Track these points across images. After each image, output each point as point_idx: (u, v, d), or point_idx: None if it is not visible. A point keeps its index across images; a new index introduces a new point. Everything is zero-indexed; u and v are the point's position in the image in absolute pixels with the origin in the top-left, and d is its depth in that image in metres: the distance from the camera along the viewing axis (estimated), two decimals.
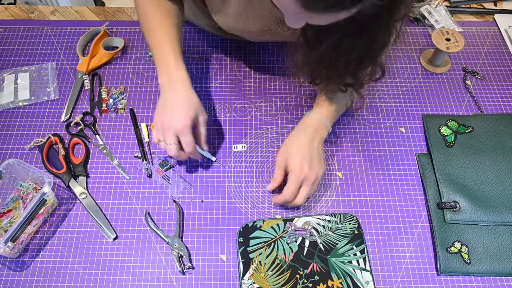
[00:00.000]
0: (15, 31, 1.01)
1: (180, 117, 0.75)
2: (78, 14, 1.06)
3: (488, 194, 0.80)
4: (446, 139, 0.87)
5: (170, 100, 0.77)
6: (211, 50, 1.00)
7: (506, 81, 0.98)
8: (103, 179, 0.83)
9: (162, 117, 0.76)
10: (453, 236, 0.77)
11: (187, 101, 0.76)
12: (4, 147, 0.86)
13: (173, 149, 0.76)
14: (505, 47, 1.03)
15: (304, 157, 0.75)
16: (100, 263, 0.75)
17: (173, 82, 0.78)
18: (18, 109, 0.91)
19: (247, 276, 0.74)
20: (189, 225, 0.79)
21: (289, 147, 0.78)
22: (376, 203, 0.82)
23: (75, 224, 0.79)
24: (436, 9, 1.06)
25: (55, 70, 0.96)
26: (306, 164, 0.75)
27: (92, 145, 0.87)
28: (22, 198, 0.78)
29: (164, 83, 0.78)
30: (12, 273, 0.74)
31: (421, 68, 1.00)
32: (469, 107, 0.94)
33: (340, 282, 0.73)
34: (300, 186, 0.76)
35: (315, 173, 0.76)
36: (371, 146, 0.88)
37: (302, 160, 0.75)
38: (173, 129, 0.75)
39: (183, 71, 0.78)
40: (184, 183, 0.83)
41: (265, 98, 0.94)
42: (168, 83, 0.78)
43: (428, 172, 0.84)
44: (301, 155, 0.76)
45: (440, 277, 0.76)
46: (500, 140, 0.87)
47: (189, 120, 0.75)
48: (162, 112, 0.77)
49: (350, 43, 0.60)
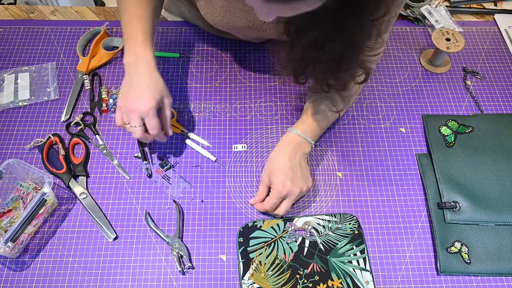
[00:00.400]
0: (15, 31, 1.02)
1: (145, 100, 0.74)
2: (78, 14, 1.06)
3: (488, 194, 0.80)
4: (446, 139, 0.87)
5: (134, 82, 0.75)
6: (211, 50, 1.00)
7: (506, 81, 0.98)
8: (103, 179, 0.83)
9: (127, 99, 0.75)
10: (453, 236, 0.77)
11: (152, 83, 0.75)
12: (4, 147, 0.86)
13: (138, 131, 0.75)
14: (505, 47, 1.03)
15: (286, 174, 0.75)
16: (100, 263, 0.75)
17: (138, 62, 0.76)
18: (18, 109, 0.91)
19: (247, 276, 0.74)
20: (189, 225, 0.79)
21: (271, 164, 0.78)
22: (376, 203, 0.82)
23: (75, 224, 0.79)
24: (436, 9, 1.06)
25: (55, 70, 0.96)
26: (288, 181, 0.75)
27: (92, 145, 0.87)
28: (22, 198, 0.78)
29: (129, 63, 0.77)
30: (12, 273, 0.74)
31: (421, 68, 1.00)
32: (469, 107, 0.94)
33: (340, 282, 0.73)
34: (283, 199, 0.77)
35: (298, 188, 0.76)
36: (371, 146, 0.88)
37: (284, 177, 0.75)
38: (138, 111, 0.74)
39: (149, 52, 0.77)
40: (184, 183, 0.83)
41: (265, 98, 0.94)
42: (133, 63, 0.76)
43: (428, 172, 0.84)
44: (283, 172, 0.76)
45: (440, 277, 0.76)
46: (500, 140, 0.87)
47: (154, 102, 0.74)
48: (126, 94, 0.75)
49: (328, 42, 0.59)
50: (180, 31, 1.03)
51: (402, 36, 1.04)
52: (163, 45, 1.00)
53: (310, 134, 0.80)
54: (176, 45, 1.01)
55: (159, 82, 0.77)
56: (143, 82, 0.75)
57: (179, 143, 0.88)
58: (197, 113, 0.92)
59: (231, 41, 1.01)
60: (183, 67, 0.98)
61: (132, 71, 0.76)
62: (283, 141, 0.80)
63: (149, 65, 0.76)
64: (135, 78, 0.76)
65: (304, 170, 0.78)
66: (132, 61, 0.77)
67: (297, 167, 0.77)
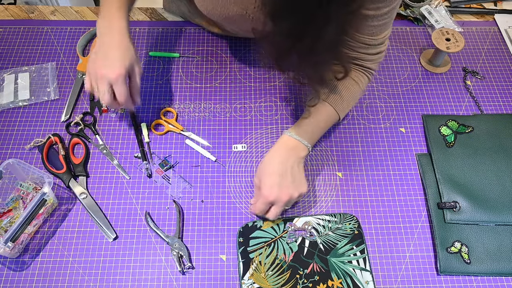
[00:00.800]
0: (15, 31, 1.02)
1: (114, 66, 0.73)
2: (78, 14, 1.06)
3: (488, 194, 0.80)
4: (446, 139, 0.87)
5: (105, 48, 0.75)
6: (211, 50, 1.00)
7: (506, 81, 0.98)
8: (103, 179, 0.83)
9: (96, 64, 0.74)
10: (453, 236, 0.77)
11: (122, 51, 0.75)
12: (4, 147, 0.86)
13: (106, 97, 0.75)
14: (505, 47, 1.03)
15: (274, 180, 0.73)
16: (100, 263, 0.75)
17: (112, 29, 0.76)
18: (18, 109, 0.91)
19: (247, 276, 0.74)
20: (189, 225, 0.79)
21: (262, 167, 0.75)
22: (376, 203, 0.82)
23: (75, 224, 0.79)
24: (436, 9, 1.06)
25: (55, 70, 0.96)
26: (275, 186, 0.72)
27: (92, 145, 0.87)
28: (22, 198, 0.78)
29: (102, 28, 0.77)
30: (12, 273, 0.74)
31: (421, 68, 1.00)
32: (469, 107, 0.94)
33: (340, 282, 0.73)
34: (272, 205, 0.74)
35: (287, 194, 0.73)
36: (371, 146, 0.88)
37: (272, 182, 0.73)
38: (106, 77, 0.73)
39: (123, 21, 0.76)
40: (184, 183, 0.83)
41: (265, 98, 0.94)
42: (106, 28, 0.76)
43: (428, 172, 0.84)
44: (272, 177, 0.73)
45: (440, 277, 0.76)
46: (500, 140, 0.87)
47: (124, 69, 0.74)
48: (96, 58, 0.75)
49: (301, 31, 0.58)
50: (180, 31, 1.03)
51: (402, 36, 1.04)
52: (163, 45, 1.00)
53: (306, 137, 0.77)
54: (176, 45, 1.01)
55: (130, 49, 0.76)
56: (113, 48, 0.74)
57: (179, 143, 0.88)
58: (197, 113, 0.92)
59: (231, 41, 1.01)
60: (183, 67, 0.98)
61: (104, 37, 0.76)
62: (278, 143, 0.78)
63: (121, 31, 0.75)
64: (106, 43, 0.75)
65: (297, 175, 0.75)
66: (105, 25, 0.76)
67: (288, 172, 0.74)
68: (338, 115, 0.80)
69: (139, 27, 1.03)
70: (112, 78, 0.73)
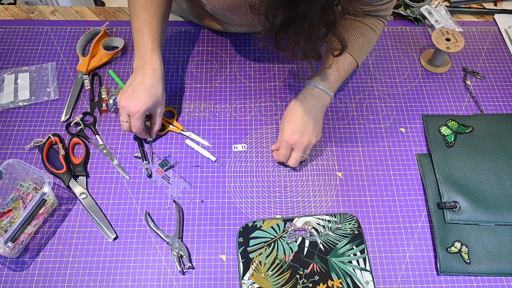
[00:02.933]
0: (15, 31, 1.02)
1: (136, 102, 0.79)
2: (78, 14, 1.06)
3: (488, 194, 0.80)
4: (446, 139, 0.87)
5: (135, 84, 0.80)
6: (211, 50, 1.00)
7: (506, 81, 0.98)
8: (103, 179, 0.83)
9: (123, 94, 0.80)
10: (453, 236, 0.77)
11: (149, 90, 0.80)
12: (4, 147, 0.86)
13: (124, 126, 0.82)
14: (505, 47, 1.03)
15: (297, 125, 0.79)
16: (100, 263, 0.75)
17: (145, 68, 0.81)
18: (18, 109, 0.91)
19: (247, 276, 0.74)
20: (189, 225, 0.79)
21: (287, 114, 0.81)
22: (376, 203, 0.82)
23: (75, 224, 0.79)
24: (436, 9, 1.06)
25: (55, 70, 0.96)
26: (297, 132, 0.79)
27: (92, 145, 0.87)
28: (22, 198, 0.78)
29: (137, 67, 0.82)
30: (12, 273, 0.74)
31: (421, 68, 1.00)
32: (469, 107, 0.94)
33: (340, 282, 0.73)
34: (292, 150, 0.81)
35: (306, 139, 0.79)
36: (371, 146, 0.88)
37: (294, 127, 0.79)
38: (127, 109, 0.79)
39: (156, 61, 0.82)
40: (184, 183, 0.83)
41: (265, 98, 0.94)
42: (140, 68, 0.81)
43: (428, 172, 0.84)
44: (295, 123, 0.79)
45: (440, 277, 0.76)
46: (500, 140, 0.87)
47: (144, 107, 0.79)
48: (126, 90, 0.81)
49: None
50: (180, 31, 1.03)
51: (402, 36, 1.04)
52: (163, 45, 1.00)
53: (329, 86, 0.82)
54: (176, 45, 1.01)
55: (158, 90, 0.81)
56: (142, 86, 0.80)
57: (179, 143, 0.88)
58: (197, 113, 0.92)
59: (231, 41, 1.01)
60: (183, 67, 0.98)
61: (138, 74, 0.81)
62: (303, 93, 0.82)
63: (155, 72, 0.81)
64: (138, 81, 0.80)
65: (318, 123, 0.81)
66: (140, 66, 0.82)
67: (311, 120, 0.80)
68: (357, 62, 0.85)
69: None
70: (130, 111, 0.79)
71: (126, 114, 0.80)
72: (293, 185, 0.84)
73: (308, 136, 0.79)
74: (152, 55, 0.82)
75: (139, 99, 0.79)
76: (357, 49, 0.83)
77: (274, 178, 0.85)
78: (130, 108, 0.79)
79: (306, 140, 0.79)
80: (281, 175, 0.85)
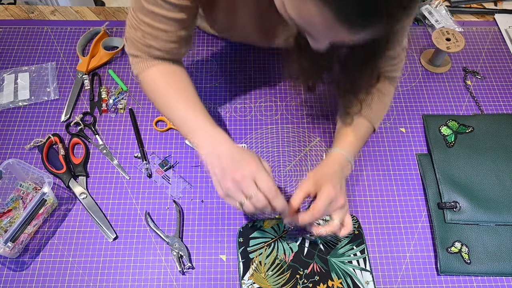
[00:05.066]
0: (15, 31, 1.01)
1: (249, 161, 0.63)
2: (78, 14, 1.06)
3: (488, 194, 0.80)
4: (446, 139, 0.87)
5: (225, 156, 0.64)
6: (211, 50, 1.00)
7: (506, 81, 0.98)
8: (103, 179, 0.83)
9: (226, 171, 0.63)
10: (453, 236, 0.77)
11: (242, 150, 0.66)
12: (4, 147, 0.86)
13: (261, 198, 0.61)
14: (505, 47, 1.03)
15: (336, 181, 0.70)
16: (100, 263, 0.75)
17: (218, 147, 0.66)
18: (18, 109, 0.91)
19: (247, 276, 0.74)
20: (189, 225, 0.79)
21: (319, 172, 0.72)
22: (376, 203, 0.82)
23: (75, 224, 0.79)
24: (436, 9, 1.06)
25: (55, 70, 0.96)
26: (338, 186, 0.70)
27: (92, 145, 0.87)
28: (22, 198, 0.78)
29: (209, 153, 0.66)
30: (12, 273, 0.74)
31: (421, 68, 1.00)
32: (469, 107, 0.94)
33: (340, 282, 0.73)
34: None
35: (343, 199, 0.70)
36: (371, 146, 0.88)
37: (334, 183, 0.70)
38: (248, 175, 0.62)
39: (222, 133, 0.68)
40: (184, 183, 0.83)
41: (265, 98, 0.94)
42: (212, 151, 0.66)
43: (428, 172, 0.84)
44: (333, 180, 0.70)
45: (440, 277, 0.76)
46: (501, 140, 0.86)
47: (257, 159, 0.64)
48: (223, 170, 0.63)
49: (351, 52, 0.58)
50: None
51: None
52: None
53: (352, 154, 0.76)
54: None
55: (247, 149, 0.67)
56: (234, 153, 0.65)
57: (179, 143, 0.88)
58: None
59: (231, 41, 1.01)
60: None
61: (214, 157, 0.65)
62: (329, 159, 0.74)
63: (230, 142, 0.67)
64: (223, 159, 0.64)
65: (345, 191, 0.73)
66: (211, 150, 0.66)
67: (343, 183, 0.73)
68: (373, 128, 0.79)
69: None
70: (253, 170, 0.62)
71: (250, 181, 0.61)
72: (293, 185, 0.84)
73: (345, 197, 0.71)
74: (215, 130, 0.68)
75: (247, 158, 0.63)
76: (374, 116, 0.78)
77: (274, 178, 0.84)
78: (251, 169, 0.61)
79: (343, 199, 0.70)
80: (281, 175, 0.85)
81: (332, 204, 0.69)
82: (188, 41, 0.75)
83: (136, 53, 0.73)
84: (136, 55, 0.73)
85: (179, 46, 0.73)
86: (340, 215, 0.71)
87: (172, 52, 0.72)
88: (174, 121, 0.73)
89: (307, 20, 0.49)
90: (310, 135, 0.89)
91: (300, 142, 0.88)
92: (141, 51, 0.72)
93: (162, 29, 0.68)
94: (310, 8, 0.46)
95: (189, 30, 0.72)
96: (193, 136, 0.69)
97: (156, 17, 0.66)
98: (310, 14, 0.47)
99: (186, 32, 0.72)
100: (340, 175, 0.72)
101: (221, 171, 0.63)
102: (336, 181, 0.71)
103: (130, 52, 0.74)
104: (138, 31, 0.69)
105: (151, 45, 0.70)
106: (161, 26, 0.68)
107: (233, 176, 0.62)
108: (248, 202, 0.62)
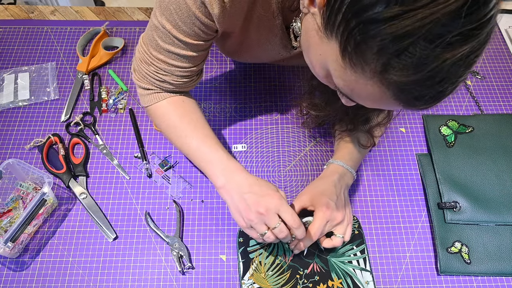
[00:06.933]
0: (15, 31, 1.01)
1: (270, 194, 0.65)
2: (78, 14, 1.06)
3: (488, 194, 0.80)
4: (447, 139, 0.87)
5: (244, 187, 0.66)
6: (211, 50, 1.00)
7: (506, 81, 0.98)
8: (103, 179, 0.83)
9: (249, 203, 0.65)
10: (453, 236, 0.77)
11: (261, 181, 0.68)
12: (4, 147, 0.86)
13: (283, 228, 0.65)
14: (505, 47, 1.03)
15: (331, 198, 0.70)
16: (100, 263, 0.75)
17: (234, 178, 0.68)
18: (18, 109, 0.91)
19: (247, 276, 0.74)
20: (189, 225, 0.79)
21: (314, 188, 0.73)
22: (376, 203, 0.82)
23: (75, 224, 0.79)
24: None
25: (55, 70, 0.96)
26: (332, 203, 0.70)
27: (92, 145, 0.87)
28: (22, 198, 0.78)
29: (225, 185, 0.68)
30: (12, 273, 0.74)
31: None
32: (469, 107, 0.94)
33: (340, 282, 0.73)
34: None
35: (342, 214, 0.70)
36: None
37: (328, 200, 0.70)
38: (273, 207, 0.64)
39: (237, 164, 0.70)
40: (184, 183, 0.83)
41: (265, 98, 0.94)
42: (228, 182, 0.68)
43: (428, 172, 0.84)
44: (328, 196, 0.70)
45: (440, 277, 0.76)
46: (501, 140, 0.86)
47: (278, 191, 0.67)
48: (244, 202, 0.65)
49: None
50: None
51: None
52: None
53: (352, 164, 0.77)
54: None
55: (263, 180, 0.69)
56: (252, 184, 0.67)
57: None
58: None
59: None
60: None
61: (233, 188, 0.67)
62: (327, 171, 0.76)
63: (245, 172, 0.69)
64: (244, 188, 0.67)
65: (347, 201, 0.74)
66: (226, 181, 0.68)
67: (342, 195, 0.73)
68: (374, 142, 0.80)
69: (139, 27, 1.03)
70: (277, 203, 0.64)
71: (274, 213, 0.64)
72: (293, 185, 0.84)
73: (343, 211, 0.71)
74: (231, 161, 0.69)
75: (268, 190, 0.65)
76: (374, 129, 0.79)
77: (274, 178, 0.85)
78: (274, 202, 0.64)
79: (342, 215, 0.70)
80: (281, 175, 0.85)
81: (328, 223, 0.70)
82: (200, 75, 0.76)
83: (147, 86, 0.73)
84: (147, 88, 0.73)
85: (191, 80, 0.73)
86: (341, 230, 0.71)
87: (184, 85, 0.73)
88: (188, 153, 0.74)
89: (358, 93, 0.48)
90: (310, 135, 0.89)
91: (300, 142, 0.88)
92: (153, 85, 0.72)
93: (176, 66, 0.68)
94: (369, 88, 0.45)
95: (202, 65, 0.73)
96: (207, 167, 0.71)
97: (171, 55, 0.67)
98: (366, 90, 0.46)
99: (200, 67, 0.72)
100: (338, 185, 0.73)
101: (243, 204, 0.65)
102: (332, 195, 0.71)
103: (141, 85, 0.73)
104: (152, 66, 0.69)
105: (164, 80, 0.71)
106: (176, 63, 0.68)
107: (257, 209, 0.64)
108: (270, 232, 0.65)
